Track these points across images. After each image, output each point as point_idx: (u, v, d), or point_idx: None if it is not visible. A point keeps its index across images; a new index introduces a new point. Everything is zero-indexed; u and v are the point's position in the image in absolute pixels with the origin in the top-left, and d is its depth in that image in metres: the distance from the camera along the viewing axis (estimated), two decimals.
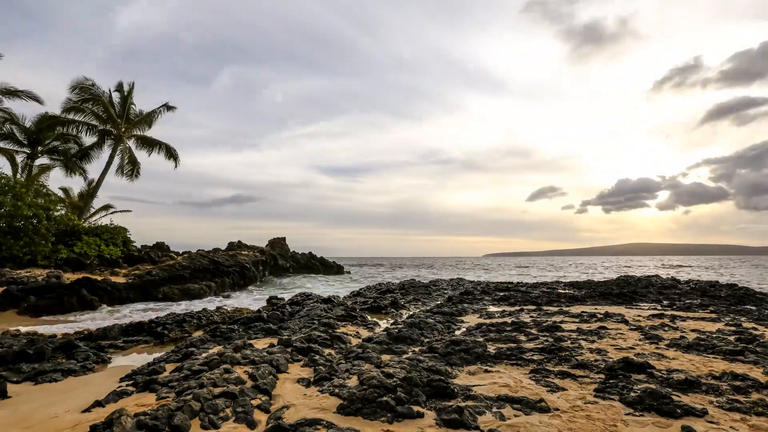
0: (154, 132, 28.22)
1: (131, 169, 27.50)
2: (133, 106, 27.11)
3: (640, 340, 6.23)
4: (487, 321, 8.30)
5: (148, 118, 27.36)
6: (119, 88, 26.71)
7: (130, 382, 4.33)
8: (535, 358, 5.15)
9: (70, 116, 24.96)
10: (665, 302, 11.65)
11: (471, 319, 8.78)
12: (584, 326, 7.41)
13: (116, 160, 26.81)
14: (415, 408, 3.48)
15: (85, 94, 25.36)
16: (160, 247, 25.47)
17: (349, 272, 37.28)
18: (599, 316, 8.60)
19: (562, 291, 14.82)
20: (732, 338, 6.23)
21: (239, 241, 28.81)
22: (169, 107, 27.79)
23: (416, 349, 5.71)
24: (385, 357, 5.28)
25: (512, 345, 5.88)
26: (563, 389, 4.00)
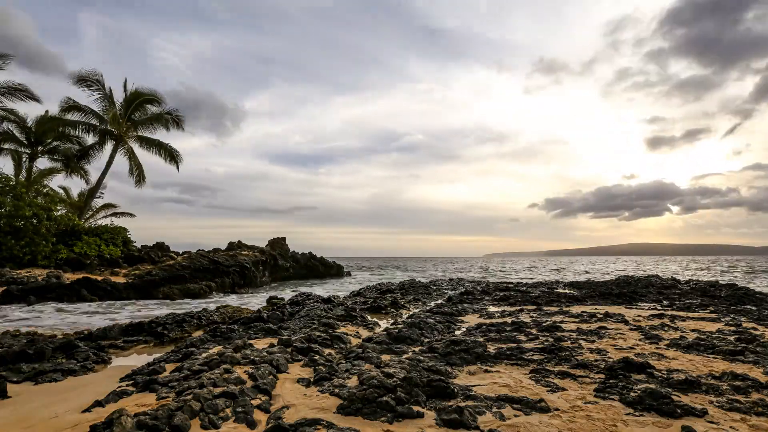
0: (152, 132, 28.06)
1: (138, 173, 27.39)
2: (139, 110, 26.92)
3: (640, 340, 6.23)
4: (487, 321, 8.30)
5: (152, 122, 27.08)
6: (123, 85, 26.55)
7: (130, 382, 4.33)
8: (535, 358, 5.16)
9: (69, 115, 24.86)
10: (665, 302, 11.65)
11: (471, 319, 8.79)
12: (584, 326, 7.41)
13: (120, 163, 26.78)
14: (415, 408, 3.48)
15: (92, 88, 25.17)
16: (160, 247, 25.47)
17: (349, 272, 37.28)
18: (599, 316, 8.61)
19: (562, 291, 14.83)
20: (732, 338, 6.23)
21: (239, 241, 28.81)
22: (176, 119, 27.21)
23: (416, 349, 5.72)
24: (385, 357, 5.28)
25: (512, 345, 5.88)
26: (563, 389, 4.00)
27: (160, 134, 27.67)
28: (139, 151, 27.43)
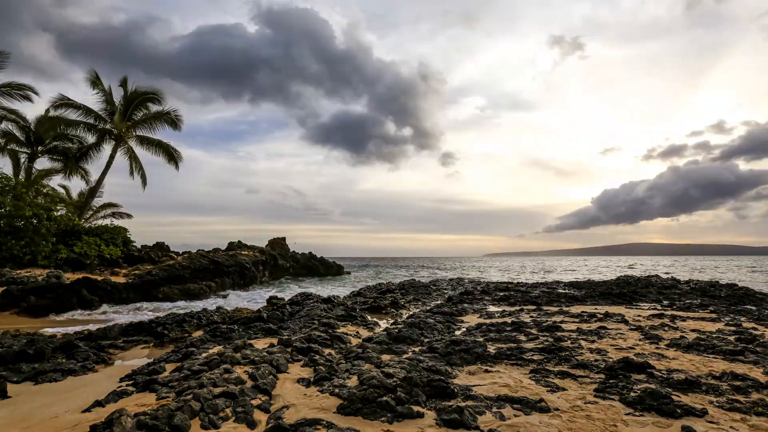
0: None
1: (141, 175, 27.34)
2: (140, 109, 26.85)
3: (640, 340, 6.23)
4: (487, 321, 8.30)
5: (151, 121, 26.99)
6: (123, 83, 26.41)
7: (130, 382, 4.33)
8: (535, 358, 5.15)
9: (66, 113, 24.79)
10: (665, 302, 11.65)
11: (471, 319, 8.78)
12: (584, 326, 7.41)
13: (119, 162, 26.72)
14: (415, 408, 3.48)
15: (95, 86, 25.13)
16: (160, 247, 25.47)
17: (349, 272, 37.29)
18: (599, 316, 8.60)
19: (562, 291, 14.82)
20: (732, 338, 6.23)
21: (239, 241, 28.81)
22: (174, 121, 27.11)
23: (416, 349, 5.71)
24: (385, 357, 5.28)
25: (512, 345, 5.88)
26: (563, 389, 4.00)
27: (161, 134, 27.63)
28: (139, 151, 27.44)
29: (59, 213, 20.51)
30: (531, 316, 8.89)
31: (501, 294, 13.68)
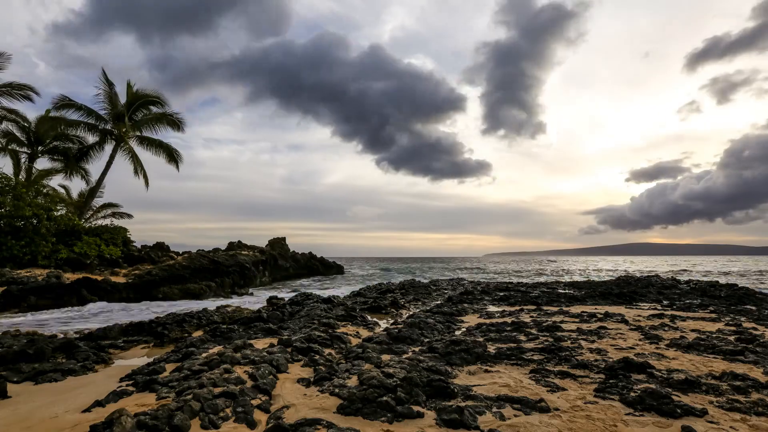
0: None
1: (144, 176, 27.34)
2: (142, 111, 26.85)
3: (640, 340, 6.23)
4: (487, 321, 8.30)
5: (154, 122, 26.99)
6: (128, 86, 26.46)
7: (130, 382, 4.33)
8: (535, 358, 5.15)
9: (67, 113, 24.81)
10: (665, 302, 11.66)
11: (471, 319, 8.79)
12: (584, 326, 7.41)
13: (119, 162, 26.70)
14: (415, 408, 3.48)
15: (98, 87, 25.22)
16: (160, 247, 25.47)
17: (349, 272, 37.31)
18: (599, 316, 8.61)
19: (562, 291, 14.82)
20: (732, 338, 6.24)
21: (239, 241, 28.81)
22: (176, 122, 27.10)
23: (416, 349, 5.72)
24: (385, 357, 5.28)
25: (512, 345, 5.88)
26: (563, 389, 4.00)
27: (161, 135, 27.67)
28: (139, 151, 27.45)
29: (59, 213, 20.50)
30: (531, 316, 8.89)
31: (501, 294, 13.68)
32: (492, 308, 10.75)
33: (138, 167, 26.99)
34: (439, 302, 12.29)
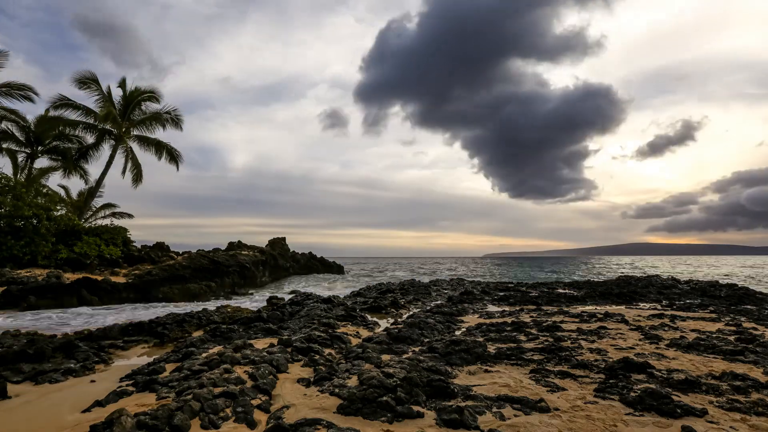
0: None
1: (136, 173, 27.31)
2: (142, 107, 26.79)
3: (640, 340, 6.23)
4: (487, 321, 8.30)
5: (151, 121, 26.93)
6: (122, 84, 26.38)
7: (130, 382, 4.33)
8: (535, 358, 5.15)
9: (66, 113, 24.76)
10: (665, 302, 11.65)
11: (471, 319, 8.79)
12: (584, 326, 7.41)
13: (119, 162, 26.70)
14: (415, 408, 3.48)
15: (90, 87, 25.09)
16: (160, 247, 25.44)
17: (349, 272, 37.31)
18: (599, 316, 8.61)
19: (562, 291, 14.82)
20: (732, 338, 6.24)
21: (239, 241, 28.80)
22: (175, 120, 27.09)
23: (416, 349, 5.72)
24: (385, 357, 5.28)
25: (512, 345, 5.88)
26: (563, 389, 4.00)
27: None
28: (139, 151, 27.42)
29: (59, 213, 20.49)
30: (531, 316, 8.89)
31: (501, 294, 13.68)
32: (492, 308, 10.75)
33: (132, 167, 26.97)
34: (439, 302, 12.29)
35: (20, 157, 25.91)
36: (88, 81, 25.09)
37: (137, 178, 27.41)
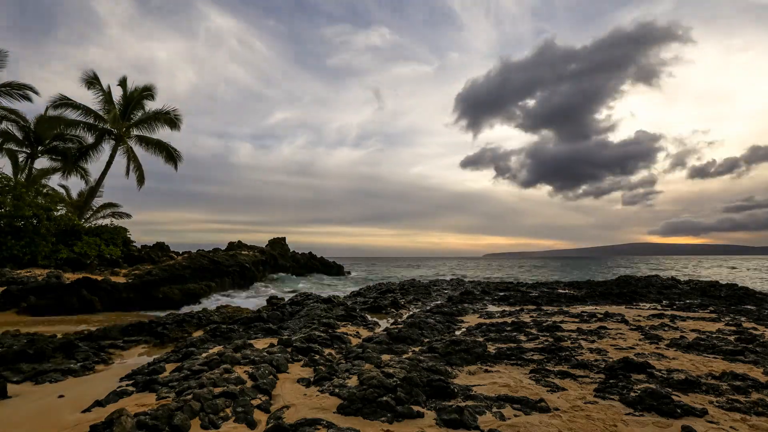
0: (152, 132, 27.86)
1: (139, 174, 27.29)
2: (143, 107, 26.79)
3: (640, 340, 6.23)
4: (487, 321, 8.31)
5: (151, 121, 26.89)
6: (122, 83, 26.35)
7: (130, 382, 4.33)
8: (535, 358, 5.16)
9: (66, 113, 24.74)
10: (665, 302, 11.65)
11: (471, 319, 8.78)
12: (584, 326, 7.41)
13: (121, 162, 26.69)
14: (415, 408, 3.48)
15: (95, 87, 25.12)
16: (161, 247, 25.45)
17: (348, 272, 37.30)
18: (599, 316, 8.61)
19: (562, 291, 14.82)
20: (732, 338, 6.24)
21: (239, 241, 28.82)
22: (173, 120, 27.03)
23: (416, 349, 5.72)
24: (385, 357, 5.28)
25: (512, 345, 5.88)
26: (563, 389, 4.00)
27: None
28: (139, 151, 27.39)
29: (59, 213, 20.49)
30: (531, 316, 8.89)
31: (501, 294, 13.68)
32: (492, 308, 10.75)
33: (134, 167, 26.95)
34: (439, 302, 12.29)
35: (20, 157, 25.93)
36: (93, 81, 25.16)
37: (141, 179, 27.42)
